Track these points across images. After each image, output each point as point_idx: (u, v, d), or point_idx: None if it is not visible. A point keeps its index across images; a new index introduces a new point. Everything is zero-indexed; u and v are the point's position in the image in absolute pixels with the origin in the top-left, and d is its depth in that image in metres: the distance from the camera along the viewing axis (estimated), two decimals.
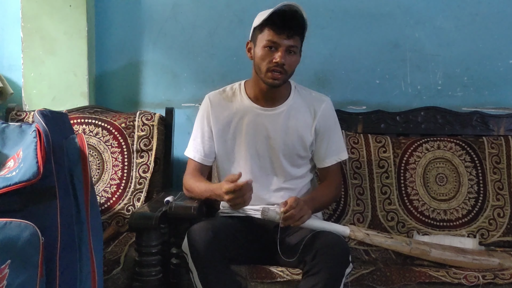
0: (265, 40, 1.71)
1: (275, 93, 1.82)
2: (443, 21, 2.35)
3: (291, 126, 1.84)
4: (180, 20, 2.41)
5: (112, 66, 2.43)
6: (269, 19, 1.70)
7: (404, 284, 1.65)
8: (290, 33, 1.69)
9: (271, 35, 1.70)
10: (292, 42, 1.71)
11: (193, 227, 1.65)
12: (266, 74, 1.74)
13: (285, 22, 1.68)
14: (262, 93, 1.83)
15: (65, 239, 1.33)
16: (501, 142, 2.17)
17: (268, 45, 1.71)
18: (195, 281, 1.59)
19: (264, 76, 1.75)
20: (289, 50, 1.72)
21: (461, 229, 2.07)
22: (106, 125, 2.16)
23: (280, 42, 1.70)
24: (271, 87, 1.77)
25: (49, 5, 2.30)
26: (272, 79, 1.74)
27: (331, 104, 1.90)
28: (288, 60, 1.72)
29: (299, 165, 1.88)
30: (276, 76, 1.73)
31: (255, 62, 1.77)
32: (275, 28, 1.69)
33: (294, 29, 1.70)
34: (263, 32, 1.73)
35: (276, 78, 1.73)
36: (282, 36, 1.69)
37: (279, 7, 1.69)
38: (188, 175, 1.88)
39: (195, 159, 1.88)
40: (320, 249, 1.57)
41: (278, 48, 1.71)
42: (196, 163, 1.88)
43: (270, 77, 1.74)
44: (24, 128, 1.45)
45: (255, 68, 1.79)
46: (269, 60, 1.72)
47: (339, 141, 1.91)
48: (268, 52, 1.72)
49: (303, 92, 1.90)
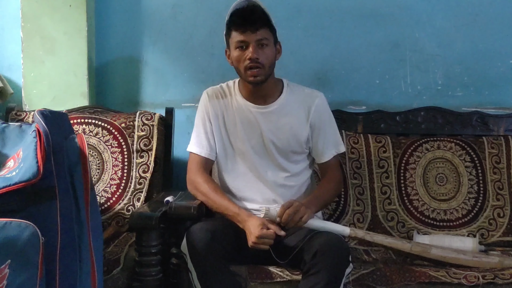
0: (234, 41, 1.75)
1: (264, 90, 1.83)
2: (443, 21, 2.35)
3: (284, 123, 1.84)
4: (180, 20, 2.41)
5: (112, 66, 2.43)
6: (231, 21, 1.75)
7: (404, 284, 1.65)
8: (254, 27, 1.72)
9: (237, 36, 1.74)
10: (260, 35, 1.73)
11: (192, 227, 1.65)
12: (246, 73, 1.76)
13: (246, 18, 1.72)
14: (252, 92, 1.84)
15: (65, 239, 1.33)
16: (501, 142, 2.17)
17: (238, 45, 1.75)
18: (194, 281, 1.60)
19: (245, 76, 1.77)
20: (259, 44, 1.73)
21: (461, 229, 2.07)
22: (106, 125, 2.16)
23: (248, 39, 1.72)
24: (255, 84, 1.78)
25: (49, 5, 2.29)
26: (252, 77, 1.75)
27: (324, 99, 1.90)
28: (261, 53, 1.73)
29: (296, 161, 1.88)
30: (254, 73, 1.75)
31: (235, 66, 1.80)
32: (238, 27, 1.73)
33: (257, 22, 1.72)
34: (231, 36, 1.77)
35: (256, 75, 1.75)
36: (247, 33, 1.72)
37: (236, 7, 1.74)
38: (196, 173, 1.83)
39: (201, 154, 1.85)
40: (320, 249, 1.57)
41: (248, 45, 1.73)
42: (201, 158, 1.85)
43: (249, 75, 1.75)
44: (24, 128, 1.45)
45: (237, 71, 1.82)
46: (244, 59, 1.74)
47: (335, 134, 1.92)
48: (240, 52, 1.75)
49: (296, 89, 1.90)
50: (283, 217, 1.64)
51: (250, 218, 1.69)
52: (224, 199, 1.77)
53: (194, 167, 1.85)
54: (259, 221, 1.65)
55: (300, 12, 2.36)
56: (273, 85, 1.85)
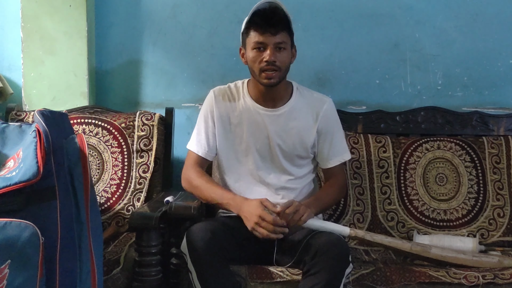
0: (252, 42, 1.73)
1: (275, 93, 1.82)
2: (443, 21, 2.35)
3: (292, 127, 1.84)
4: (180, 20, 2.41)
5: (112, 66, 2.43)
6: (251, 21, 1.72)
7: (404, 284, 1.65)
8: (274, 30, 1.70)
9: (256, 36, 1.72)
10: (279, 39, 1.71)
11: (192, 227, 1.65)
12: (261, 75, 1.75)
13: (267, 20, 1.70)
14: (262, 94, 1.83)
15: (65, 239, 1.33)
16: (501, 142, 2.17)
17: (256, 46, 1.73)
18: (194, 281, 1.59)
19: (259, 78, 1.76)
20: (278, 47, 1.72)
21: (461, 229, 2.07)
22: (106, 125, 2.16)
23: (267, 41, 1.71)
24: (269, 86, 1.77)
25: (49, 5, 2.30)
26: (267, 79, 1.74)
27: (333, 105, 1.89)
28: (278, 56, 1.72)
29: (301, 165, 1.88)
30: (270, 75, 1.73)
31: (249, 66, 1.79)
32: (258, 28, 1.71)
33: (278, 25, 1.71)
34: (249, 35, 1.74)
35: (271, 77, 1.74)
36: (267, 34, 1.70)
37: (258, 7, 1.71)
38: (191, 169, 1.84)
39: (198, 153, 1.85)
40: (320, 249, 1.57)
41: (266, 47, 1.72)
42: (198, 157, 1.85)
43: (264, 77, 1.74)
44: (24, 128, 1.45)
45: (250, 71, 1.80)
46: (260, 61, 1.73)
47: (341, 142, 1.91)
48: (257, 53, 1.73)
49: (305, 93, 1.89)
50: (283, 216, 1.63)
51: (246, 200, 1.68)
52: (217, 188, 1.77)
53: (188, 164, 1.86)
54: (257, 201, 1.64)
55: (300, 12, 2.36)
56: (284, 88, 1.84)
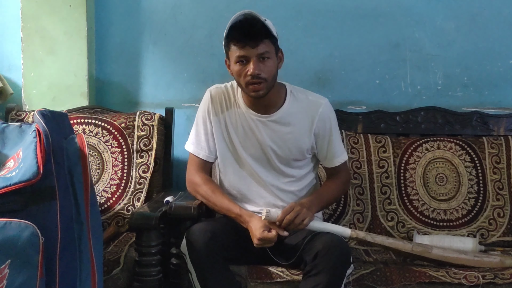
0: (234, 56, 1.68)
1: (266, 101, 1.77)
2: (443, 21, 2.35)
3: (286, 133, 1.80)
4: (180, 20, 2.41)
5: (112, 66, 2.43)
6: (230, 35, 1.68)
7: (404, 284, 1.65)
8: (254, 43, 1.64)
9: (237, 51, 1.67)
10: (261, 49, 1.66)
11: (191, 227, 1.65)
12: (248, 87, 1.70)
13: (246, 34, 1.65)
14: (253, 102, 1.79)
15: (65, 239, 1.33)
16: (501, 142, 2.17)
17: (238, 60, 1.68)
18: (194, 281, 1.60)
19: (247, 90, 1.72)
20: (261, 57, 1.67)
21: (461, 229, 2.07)
22: (106, 125, 2.16)
23: (248, 54, 1.65)
24: (257, 98, 1.74)
25: (49, 5, 2.29)
26: (254, 92, 1.70)
27: (329, 106, 1.84)
28: (263, 68, 1.67)
29: (299, 167, 1.85)
30: (256, 88, 1.69)
31: (235, 79, 1.75)
32: (237, 42, 1.66)
33: (257, 36, 1.65)
34: (230, 49, 1.70)
35: (258, 90, 1.69)
36: (247, 48, 1.65)
37: (234, 21, 1.67)
38: (195, 174, 1.82)
39: (199, 156, 1.83)
40: (321, 250, 1.57)
41: (249, 60, 1.66)
42: (200, 160, 1.84)
43: (251, 90, 1.70)
44: (24, 128, 1.45)
45: (238, 84, 1.76)
46: (245, 74, 1.68)
47: (339, 144, 1.87)
48: (241, 66, 1.68)
49: (300, 96, 1.83)
50: (283, 222, 1.64)
51: (252, 219, 1.68)
52: (224, 200, 1.76)
53: (192, 168, 1.84)
54: (261, 223, 1.65)
55: (300, 12, 2.36)
56: (275, 94, 1.79)
